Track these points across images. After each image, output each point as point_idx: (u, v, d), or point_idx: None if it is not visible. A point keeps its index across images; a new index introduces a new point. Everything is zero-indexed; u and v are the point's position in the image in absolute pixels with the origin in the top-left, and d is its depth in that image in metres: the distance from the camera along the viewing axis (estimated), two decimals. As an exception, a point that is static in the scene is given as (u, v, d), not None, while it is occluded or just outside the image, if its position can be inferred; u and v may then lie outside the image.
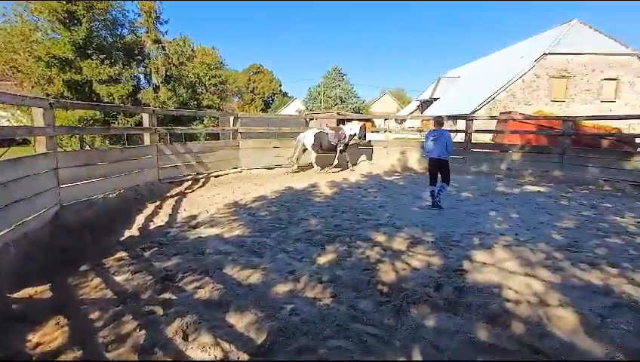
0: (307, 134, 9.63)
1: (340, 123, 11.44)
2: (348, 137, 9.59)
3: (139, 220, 5.05)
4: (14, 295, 2.87)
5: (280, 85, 62.94)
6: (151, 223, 4.95)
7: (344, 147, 9.66)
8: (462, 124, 14.25)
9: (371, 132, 12.86)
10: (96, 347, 2.24)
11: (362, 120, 11.17)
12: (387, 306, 2.68)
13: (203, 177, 8.26)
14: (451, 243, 4.04)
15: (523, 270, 3.30)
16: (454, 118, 17.96)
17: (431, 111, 31.42)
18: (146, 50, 22.87)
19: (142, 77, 24.23)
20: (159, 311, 2.62)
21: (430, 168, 5.85)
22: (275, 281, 3.11)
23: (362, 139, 9.87)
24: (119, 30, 22.23)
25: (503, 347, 2.21)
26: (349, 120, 11.36)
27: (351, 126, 9.78)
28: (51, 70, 18.54)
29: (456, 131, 15.26)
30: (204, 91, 25.87)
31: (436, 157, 5.69)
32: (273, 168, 10.00)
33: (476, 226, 4.69)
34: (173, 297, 2.86)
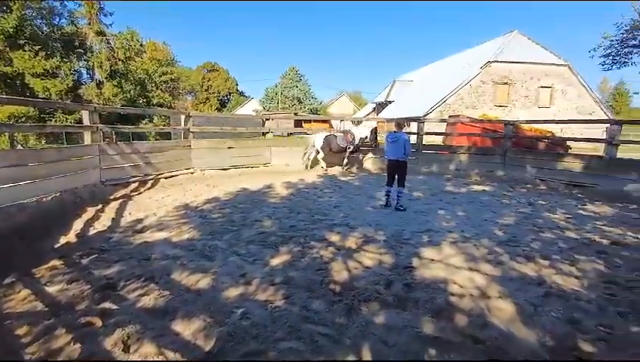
0: (317, 137, 10.23)
1: (354, 125, 12.06)
2: (358, 140, 10.03)
3: (77, 225, 4.66)
4: None
5: (236, 84, 61.71)
6: (91, 228, 4.59)
7: (354, 148, 10.07)
8: (415, 126, 14.82)
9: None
10: (20, 366, 2.03)
11: (319, 120, 11.30)
12: (339, 305, 2.71)
13: (152, 179, 7.84)
14: (402, 241, 4.17)
15: (467, 265, 3.49)
16: (407, 121, 18.65)
17: (386, 113, 32.43)
18: (88, 42, 21.28)
19: (84, 71, 22.56)
20: (98, 323, 2.44)
21: (389, 170, 6.00)
22: (226, 285, 3.02)
23: (374, 142, 10.37)
24: (57, 20, 20.54)
25: (448, 339, 2.32)
26: (359, 122, 11.80)
27: (362, 129, 10.23)
28: (-25, 61, 16.74)
29: (409, 133, 15.83)
30: (154, 88, 24.65)
31: (394, 158, 5.85)
32: (228, 169, 9.76)
33: (426, 224, 4.89)
34: (113, 307, 2.67)
